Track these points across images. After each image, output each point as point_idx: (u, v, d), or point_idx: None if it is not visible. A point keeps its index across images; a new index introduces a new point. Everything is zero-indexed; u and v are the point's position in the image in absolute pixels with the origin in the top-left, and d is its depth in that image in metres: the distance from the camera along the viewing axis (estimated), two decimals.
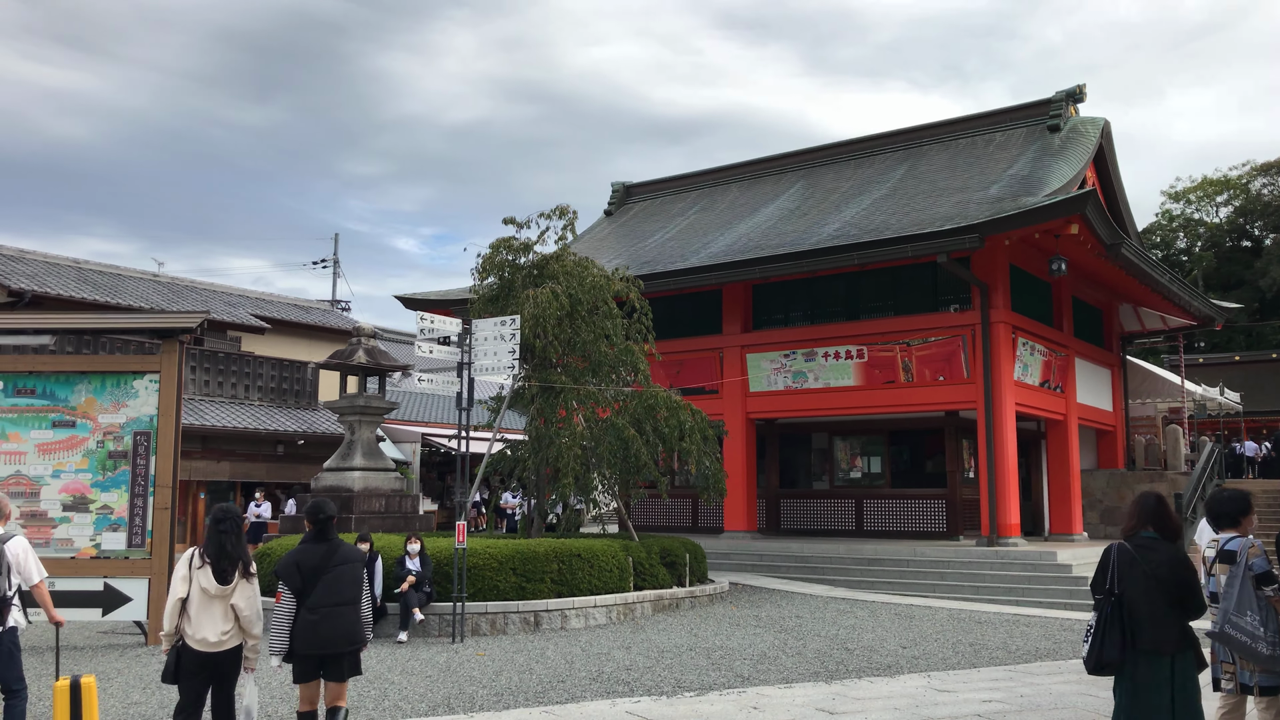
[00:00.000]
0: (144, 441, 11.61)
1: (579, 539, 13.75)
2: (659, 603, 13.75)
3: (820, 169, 23.55)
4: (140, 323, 11.58)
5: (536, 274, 15.83)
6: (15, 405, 11.69)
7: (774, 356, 19.95)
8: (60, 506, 11.50)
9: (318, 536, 6.76)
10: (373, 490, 15.28)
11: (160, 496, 11.44)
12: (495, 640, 11.68)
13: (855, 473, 20.98)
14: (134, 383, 11.73)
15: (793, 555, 18.14)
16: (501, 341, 11.61)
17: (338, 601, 6.51)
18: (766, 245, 19.26)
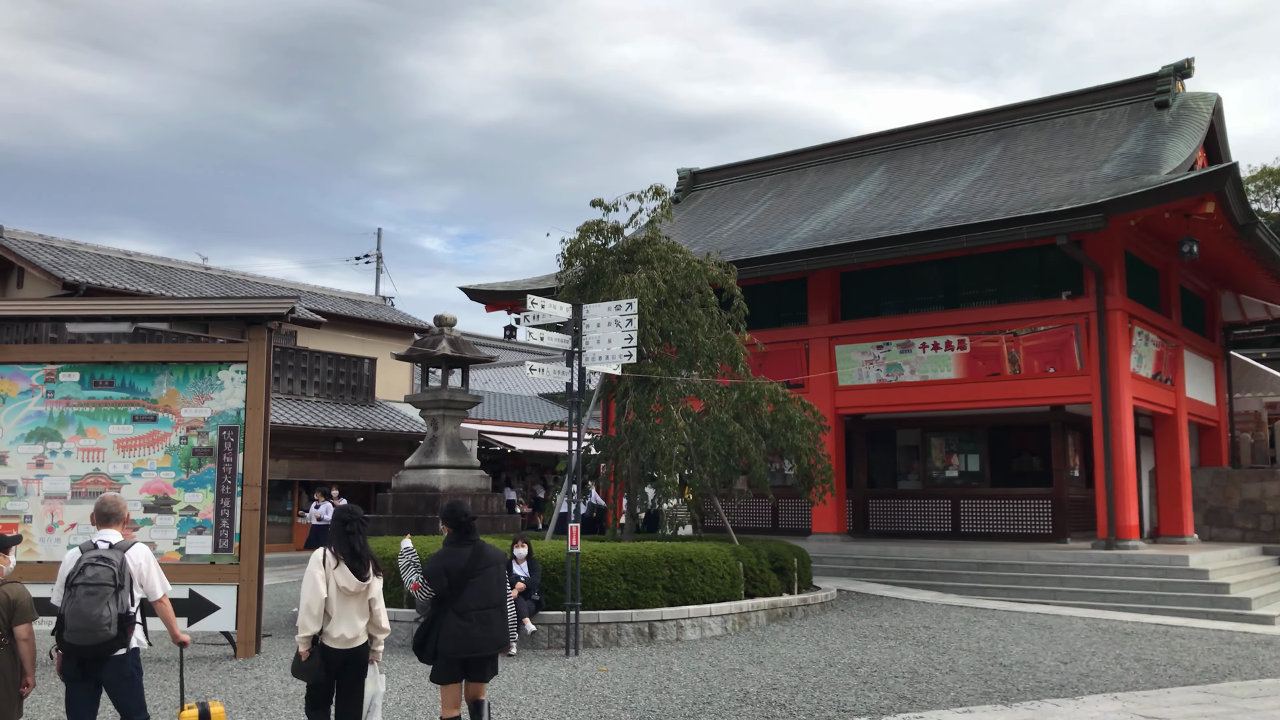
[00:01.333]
0: (230, 437, 10.74)
1: (689, 543, 12.77)
2: (772, 611, 12.74)
3: (904, 151, 22.44)
4: (226, 309, 10.71)
5: (627, 259, 14.87)
6: (93, 398, 10.85)
7: (865, 348, 18.87)
8: (141, 507, 10.65)
9: (460, 539, 6.71)
10: (458, 490, 14.37)
11: (249, 497, 10.56)
12: (610, 653, 10.72)
13: (951, 471, 19.86)
14: (219, 373, 10.85)
15: (891, 559, 17.07)
16: (615, 328, 10.63)
17: (487, 604, 6.54)
18: (860, 229, 18.19)
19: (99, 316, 10.69)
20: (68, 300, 10.92)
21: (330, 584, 6.14)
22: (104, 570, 5.59)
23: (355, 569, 6.19)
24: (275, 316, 10.68)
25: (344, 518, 6.44)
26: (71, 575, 5.60)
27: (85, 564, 5.59)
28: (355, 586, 6.10)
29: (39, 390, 10.88)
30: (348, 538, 6.26)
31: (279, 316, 10.67)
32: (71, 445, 10.79)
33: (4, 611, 5.65)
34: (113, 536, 5.84)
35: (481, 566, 6.64)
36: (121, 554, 5.72)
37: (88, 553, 5.68)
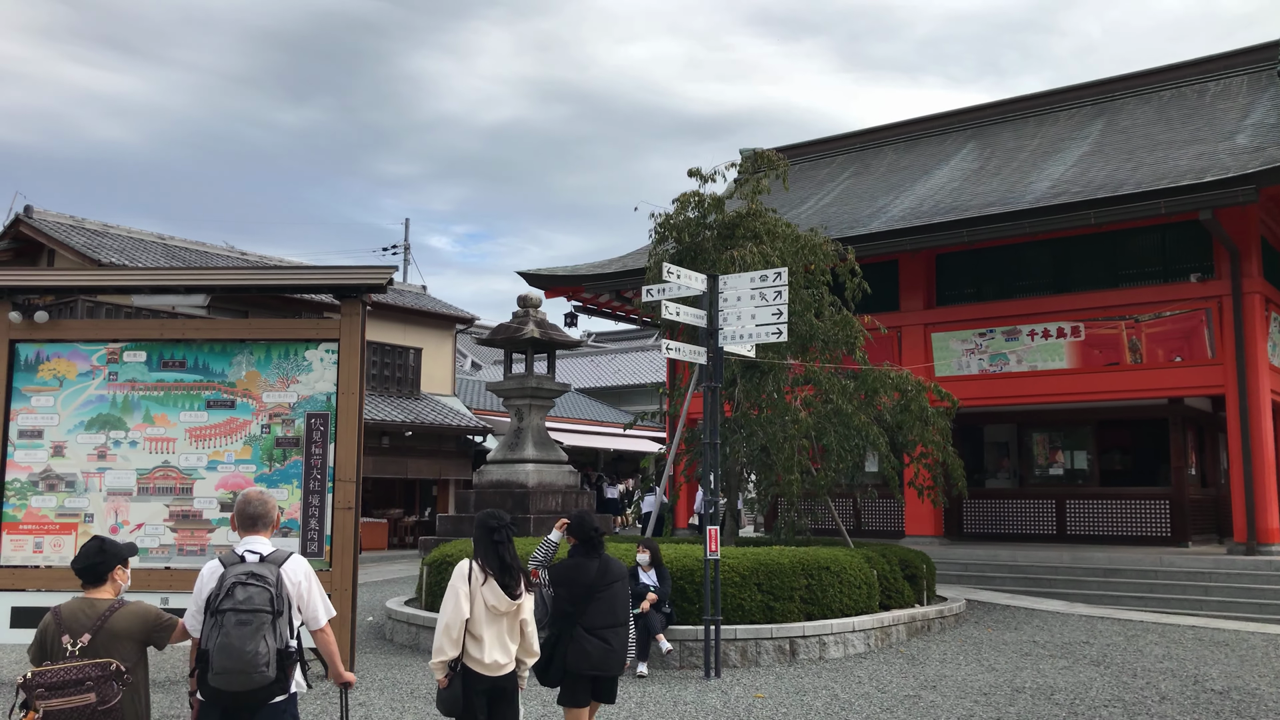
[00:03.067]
0: (320, 425, 9.39)
1: (820, 549, 11.40)
2: (912, 625, 11.38)
3: (992, 128, 21.04)
4: (317, 278, 9.38)
5: (728, 234, 13.50)
6: (161, 381, 9.52)
7: (966, 336, 17.49)
8: (217, 505, 9.32)
9: (588, 550, 6.20)
10: (548, 486, 13.02)
11: (341, 493, 9.22)
12: (751, 674, 9.37)
13: (1055, 469, 18.45)
14: (306, 353, 9.51)
15: (1002, 564, 15.70)
16: (759, 301, 9.26)
17: (614, 621, 6.08)
18: (963, 206, 16.80)
19: (171, 287, 9.34)
20: (132, 269, 9.58)
21: (476, 602, 5.14)
22: (258, 591, 4.25)
23: (506, 585, 5.19)
24: (372, 288, 9.33)
25: (490, 524, 5.36)
26: (214, 597, 4.27)
27: (233, 583, 4.25)
28: (506, 605, 5.20)
29: (100, 372, 9.55)
30: (496, 548, 5.25)
31: (376, 288, 9.33)
32: (137, 434, 9.46)
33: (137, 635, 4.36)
34: (262, 545, 4.51)
35: (609, 581, 6.16)
36: (277, 569, 4.39)
37: (233, 567, 4.34)
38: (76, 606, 4.40)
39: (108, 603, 4.39)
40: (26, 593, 9.25)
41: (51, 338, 9.61)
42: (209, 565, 4.47)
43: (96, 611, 4.33)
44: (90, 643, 4.24)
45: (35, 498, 9.42)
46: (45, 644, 4.30)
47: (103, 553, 4.51)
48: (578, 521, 6.26)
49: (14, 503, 9.42)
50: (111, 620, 4.32)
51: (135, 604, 4.44)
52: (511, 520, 5.48)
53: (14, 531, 9.40)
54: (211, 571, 4.42)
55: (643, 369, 40.56)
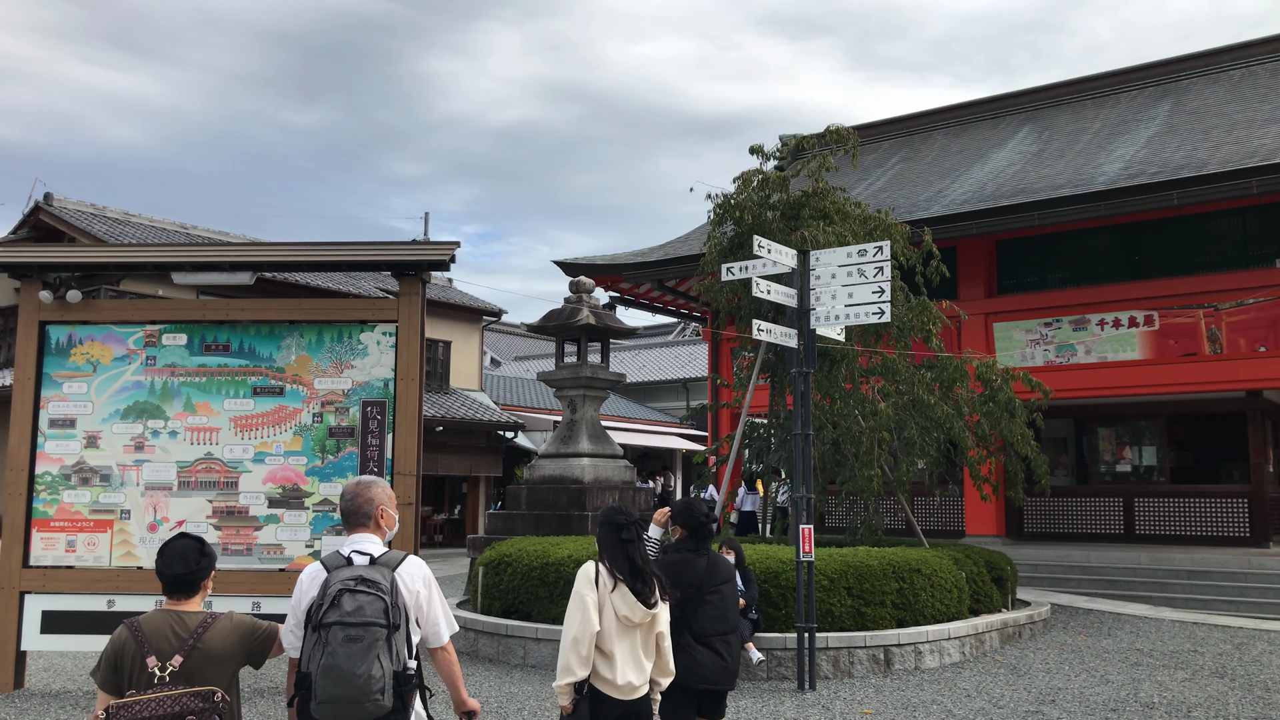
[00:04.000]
0: (376, 414, 8.63)
1: (907, 549, 10.60)
2: (1004, 631, 10.57)
3: (1047, 111, 20.19)
4: (374, 254, 8.61)
5: (792, 215, 12.70)
6: (204, 366, 8.76)
7: (1031, 325, 16.66)
8: (265, 501, 8.56)
9: (696, 545, 5.31)
10: (604, 482, 12.23)
11: (401, 488, 8.45)
12: (846, 686, 8.57)
13: (1122, 465, 17.59)
14: (362, 336, 8.74)
15: (1074, 565, 14.88)
16: (859, 279, 8.45)
17: (726, 628, 5.23)
18: (1030, 189, 15.97)
19: (215, 263, 8.58)
20: (172, 245, 8.82)
21: (606, 612, 4.37)
22: (370, 601, 3.45)
23: (639, 591, 4.42)
24: (434, 265, 8.56)
25: (617, 520, 4.56)
26: (318, 608, 3.47)
27: (340, 590, 3.46)
28: (640, 615, 4.43)
29: (137, 356, 8.80)
30: (625, 548, 4.48)
31: (439, 264, 8.56)
32: (177, 424, 8.71)
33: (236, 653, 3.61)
34: (372, 545, 3.72)
35: (719, 580, 5.28)
36: (390, 573, 3.60)
37: (338, 571, 3.55)
38: (162, 621, 3.57)
39: (199, 617, 3.58)
40: (58, 596, 8.51)
41: (85, 319, 8.86)
42: (309, 570, 3.69)
43: (188, 628, 3.52)
44: (183, 666, 3.46)
45: (67, 492, 8.68)
46: (122, 667, 3.51)
47: (205, 556, 3.71)
48: (685, 510, 5.34)
49: (45, 497, 8.69)
50: (207, 638, 3.51)
51: (228, 616, 3.66)
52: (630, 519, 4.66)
53: (44, 529, 8.66)
54: (312, 577, 3.64)
55: (666, 365, 39.78)
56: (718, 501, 18.16)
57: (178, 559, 3.65)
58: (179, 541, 3.74)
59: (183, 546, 3.69)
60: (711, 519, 5.32)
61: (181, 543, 3.73)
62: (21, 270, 8.76)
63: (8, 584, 8.51)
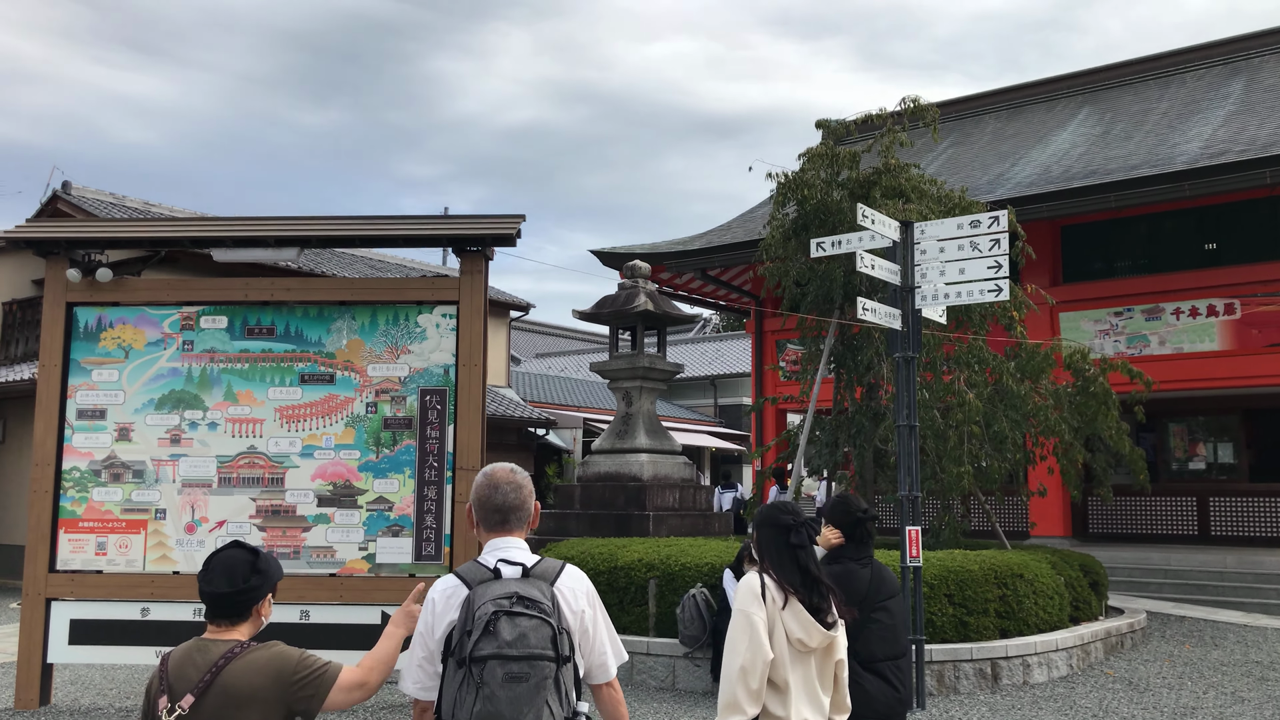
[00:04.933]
0: (436, 403, 7.84)
1: (1003, 552, 9.78)
2: (1108, 641, 9.74)
3: (1107, 92, 19.31)
4: (433, 229, 7.83)
5: (862, 193, 11.88)
6: (246, 351, 7.99)
7: (1100, 315, 15.80)
8: (314, 500, 7.79)
9: (858, 551, 4.37)
10: (663, 480, 11.43)
11: (464, 484, 7.67)
12: (952, 702, 7.75)
13: (1196, 462, 16.70)
14: (419, 318, 7.95)
15: (1154, 568, 14.02)
16: (971, 252, 7.63)
17: (897, 651, 4.33)
18: (1101, 170, 15.11)
19: (259, 238, 7.79)
20: (212, 219, 8.06)
21: (777, 635, 3.48)
22: (534, 626, 2.62)
23: (816, 608, 3.53)
24: (499, 239, 7.77)
25: (784, 521, 3.64)
26: (464, 636, 2.66)
27: (496, 613, 2.62)
28: (818, 638, 3.53)
29: (173, 340, 8.04)
30: (794, 554, 3.59)
31: (503, 239, 7.77)
32: (217, 414, 7.94)
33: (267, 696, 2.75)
34: (522, 551, 2.91)
35: (884, 596, 4.36)
36: (549, 588, 2.78)
37: (485, 587, 2.73)
38: (188, 652, 2.81)
39: (226, 646, 2.77)
40: (88, 603, 7.75)
41: (116, 300, 8.10)
42: (442, 586, 2.88)
43: (208, 660, 2.74)
44: (194, 709, 2.68)
45: (97, 489, 7.92)
46: (146, 708, 2.78)
47: (257, 573, 2.88)
48: (840, 506, 4.40)
49: (73, 495, 7.93)
50: (228, 673, 2.70)
51: (266, 647, 2.83)
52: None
53: (73, 530, 7.90)
54: (447, 594, 2.83)
55: (693, 361, 38.94)
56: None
57: (221, 574, 2.84)
58: (227, 552, 2.92)
59: (229, 559, 2.88)
60: (871, 516, 4.46)
61: (229, 554, 2.91)
62: (48, 247, 8.01)
63: (33, 590, 7.76)
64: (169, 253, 18.52)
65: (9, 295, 19.83)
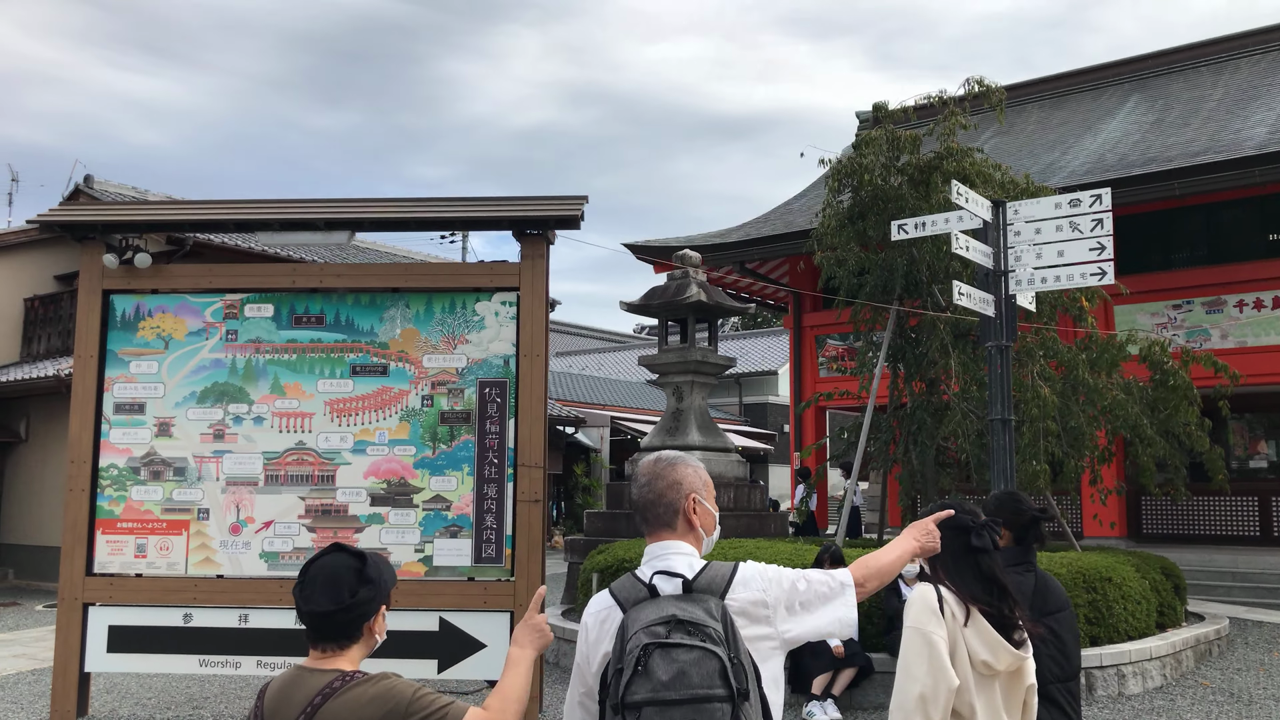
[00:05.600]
0: (496, 396, 7.37)
1: (1094, 554, 9.27)
2: (1197, 649, 9.20)
3: (1155, 80, 18.76)
4: (491, 211, 7.35)
5: (921, 178, 11.38)
6: (294, 341, 7.53)
7: (1157, 308, 15.25)
8: (367, 498, 7.32)
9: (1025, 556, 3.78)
10: (717, 478, 10.85)
11: (525, 482, 7.20)
12: None
13: (1258, 461, 16.13)
14: (477, 305, 7.48)
15: (1222, 570, 13.47)
16: (1074, 234, 7.12)
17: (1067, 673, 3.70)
18: (1162, 158, 14.58)
19: (307, 220, 7.34)
20: (256, 200, 7.61)
21: (959, 656, 2.98)
22: (696, 661, 2.07)
23: (1003, 624, 3.03)
24: (562, 221, 7.29)
25: (964, 522, 3.14)
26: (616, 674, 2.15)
27: (648, 645, 2.09)
28: (1006, 660, 3.04)
29: (216, 330, 7.58)
30: (975, 560, 3.10)
31: (567, 221, 7.29)
32: (263, 408, 7.48)
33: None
34: (682, 559, 2.38)
35: (1053, 608, 3.76)
36: (718, 603, 2.25)
37: (639, 609, 2.21)
38: (285, 684, 2.32)
39: (326, 679, 2.26)
40: (127, 608, 7.30)
41: (154, 287, 7.65)
42: (596, 606, 2.38)
43: (305, 695, 2.25)
44: None
45: (136, 488, 7.47)
46: None
47: (366, 583, 2.32)
48: (1009, 503, 3.84)
49: (110, 494, 7.48)
50: (325, 712, 2.21)
51: (371, 681, 2.26)
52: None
53: (111, 530, 7.45)
54: (600, 618, 2.33)
55: None
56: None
57: (322, 588, 2.29)
58: (326, 559, 2.36)
59: (330, 567, 2.32)
60: (1048, 516, 3.92)
61: (330, 561, 2.35)
62: (83, 231, 7.57)
63: (69, 594, 7.31)
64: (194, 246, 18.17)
65: (30, 291, 19.47)
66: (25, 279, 19.44)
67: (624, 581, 2.34)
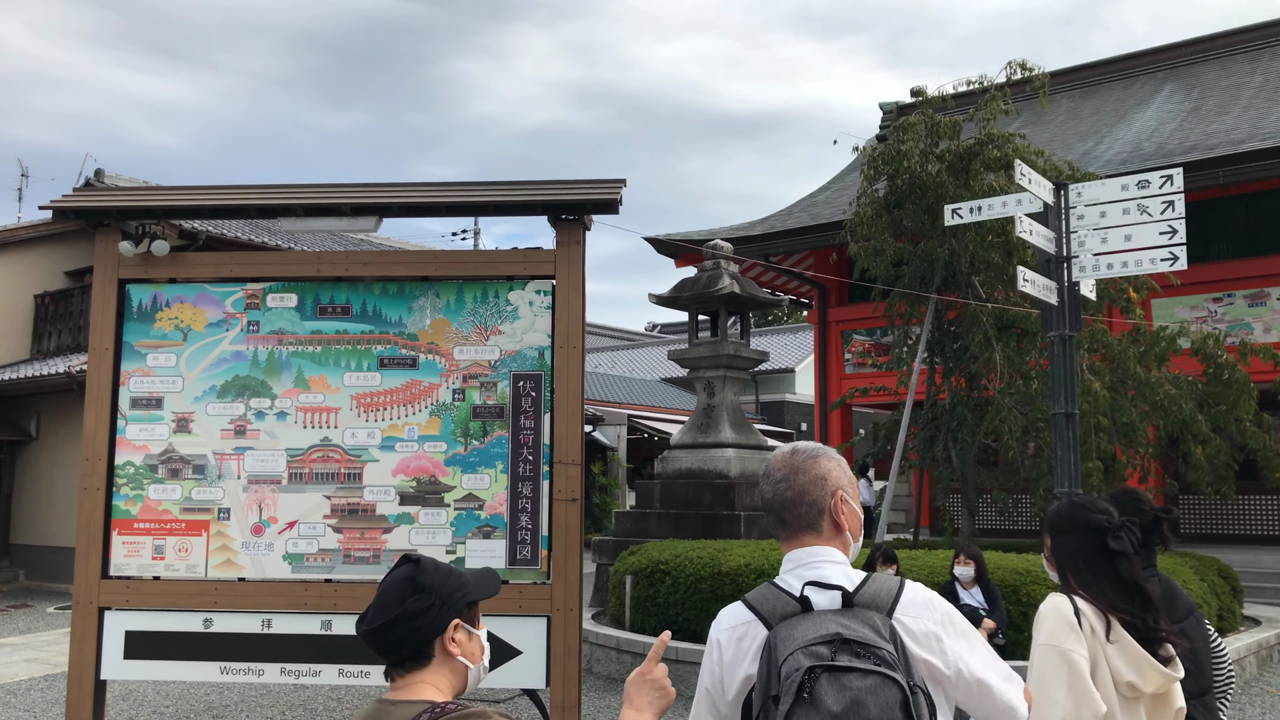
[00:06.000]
0: (531, 390, 7.00)
1: None
2: (1259, 655, 8.80)
3: (1189, 68, 18.33)
4: (524, 194, 6.99)
5: (961, 167, 11.00)
6: (318, 332, 7.17)
7: (1196, 301, 14.83)
8: (396, 497, 6.96)
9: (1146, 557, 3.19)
10: (751, 476, 10.57)
11: (562, 480, 6.83)
12: None
13: None
14: (510, 295, 7.12)
15: (1268, 572, 13.06)
16: (1142, 217, 6.74)
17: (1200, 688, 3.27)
18: (1203, 146, 14.16)
19: (332, 205, 6.98)
20: (281, 185, 7.25)
21: (1101, 677, 2.63)
22: (874, 689, 1.72)
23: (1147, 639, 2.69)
24: (600, 205, 6.93)
25: (1099, 523, 2.80)
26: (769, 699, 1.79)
27: (813, 669, 1.74)
28: (1154, 682, 2.70)
29: (237, 321, 7.23)
30: (1114, 565, 2.75)
31: (604, 206, 6.92)
32: (287, 403, 7.12)
33: None
34: (834, 567, 2.01)
35: (1180, 617, 3.32)
36: (885, 620, 1.89)
37: (790, 625, 1.87)
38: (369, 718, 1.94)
39: (410, 712, 1.86)
40: (144, 613, 6.96)
41: (173, 276, 7.30)
42: (728, 620, 2.02)
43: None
44: None
45: (154, 486, 7.12)
46: None
47: (420, 592, 1.94)
48: (1130, 503, 3.33)
49: (126, 493, 7.13)
50: None
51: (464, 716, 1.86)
52: None
53: (127, 531, 7.10)
54: (738, 635, 1.97)
55: None
56: None
57: (375, 603, 1.95)
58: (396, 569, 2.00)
59: (389, 579, 2.00)
60: (1175, 517, 3.54)
61: (393, 572, 2.01)
62: (98, 216, 7.23)
63: (84, 598, 6.97)
64: (207, 240, 17.85)
65: (40, 288, 19.19)
66: (35, 275, 19.16)
67: (763, 592, 1.98)
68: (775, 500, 2.09)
